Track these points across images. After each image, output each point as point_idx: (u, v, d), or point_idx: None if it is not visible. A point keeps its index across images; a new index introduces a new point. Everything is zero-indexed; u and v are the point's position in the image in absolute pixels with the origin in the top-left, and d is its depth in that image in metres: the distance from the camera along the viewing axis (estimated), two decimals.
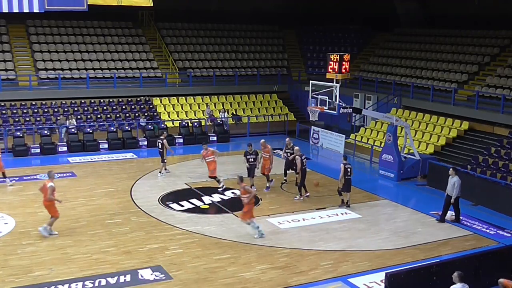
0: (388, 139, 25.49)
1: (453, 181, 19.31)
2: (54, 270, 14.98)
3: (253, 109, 36.44)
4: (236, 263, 15.78)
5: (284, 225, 18.81)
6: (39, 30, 36.22)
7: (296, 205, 21.05)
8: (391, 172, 25.10)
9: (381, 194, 23.19)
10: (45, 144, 28.61)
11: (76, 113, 31.97)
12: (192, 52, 38.69)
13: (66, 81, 33.43)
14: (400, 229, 18.89)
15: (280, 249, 16.80)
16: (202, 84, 36.60)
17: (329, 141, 31.26)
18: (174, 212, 19.98)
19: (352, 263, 16.01)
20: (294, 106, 37.97)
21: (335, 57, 24.29)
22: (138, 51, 37.15)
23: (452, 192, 19.30)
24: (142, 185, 23.31)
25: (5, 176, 22.39)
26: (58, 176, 22.76)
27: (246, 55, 40.12)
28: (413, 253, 16.76)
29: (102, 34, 37.68)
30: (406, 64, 35.43)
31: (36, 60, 34.16)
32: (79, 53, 35.47)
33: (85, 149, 28.98)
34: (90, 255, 16.10)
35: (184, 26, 40.39)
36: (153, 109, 34.07)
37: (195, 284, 14.45)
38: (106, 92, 33.76)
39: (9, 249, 16.40)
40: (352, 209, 20.60)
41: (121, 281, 14.50)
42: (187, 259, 15.98)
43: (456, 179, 19.31)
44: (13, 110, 31.22)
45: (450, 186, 19.37)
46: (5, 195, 21.23)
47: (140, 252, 16.36)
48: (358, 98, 34.85)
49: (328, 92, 24.51)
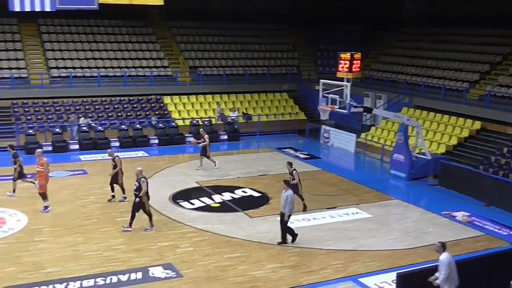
0: (399, 138, 25.40)
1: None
2: (66, 267, 15.05)
3: (263, 108, 36.43)
4: (246, 261, 15.79)
5: (294, 224, 18.70)
6: (51, 28, 36.39)
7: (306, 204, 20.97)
8: (402, 171, 25.01)
9: (392, 194, 23.11)
10: (57, 142, 28.76)
11: (88, 111, 32.09)
12: (202, 51, 38.73)
13: (78, 80, 33.57)
14: (411, 229, 18.82)
15: (291, 248, 16.79)
16: (212, 82, 36.63)
17: (340, 140, 31.20)
18: (184, 210, 20.02)
19: (362, 263, 15.97)
20: (304, 105, 37.93)
21: (346, 56, 24.23)
22: (149, 49, 37.24)
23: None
24: (153, 183, 23.23)
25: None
26: (70, 174, 22.90)
27: (256, 54, 40.12)
28: (424, 253, 16.69)
29: (113, 32, 37.82)
30: (417, 63, 35.30)
31: (47, 59, 34.32)
32: (90, 52, 35.61)
33: (97, 147, 29.08)
34: (101, 252, 16.17)
35: (195, 25, 40.43)
36: (164, 108, 34.13)
37: (206, 282, 14.48)
38: (117, 91, 33.87)
39: (21, 245, 16.50)
40: (363, 209, 20.54)
41: (132, 279, 14.54)
42: (197, 257, 16.00)
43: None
44: (25, 108, 31.39)
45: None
46: (17, 192, 21.30)
47: (151, 250, 16.41)
48: (368, 97, 34.76)
49: (338, 91, 24.47)
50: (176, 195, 21.75)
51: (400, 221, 19.75)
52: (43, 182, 19.36)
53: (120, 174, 20.76)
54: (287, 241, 17.07)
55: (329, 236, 17.87)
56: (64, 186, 20.74)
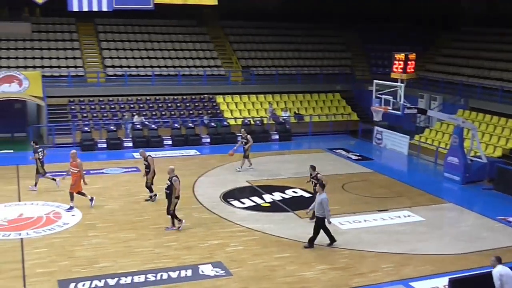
0: (454, 141, 24.91)
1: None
2: (118, 263, 15.34)
3: (315, 108, 36.29)
4: (295, 262, 15.74)
5: (345, 226, 18.65)
6: (107, 28, 37.17)
7: (357, 206, 20.82)
8: (456, 175, 24.51)
9: (446, 197, 22.66)
10: (111, 139, 29.35)
11: (142, 109, 32.62)
12: (255, 50, 38.85)
13: (132, 78, 34.16)
14: (465, 234, 18.42)
15: (341, 250, 16.66)
16: (265, 82, 36.70)
17: (393, 141, 30.82)
18: (235, 209, 20.12)
19: (414, 266, 15.71)
20: (357, 105, 37.60)
21: (400, 56, 23.92)
22: (202, 49, 37.59)
23: None
24: (204, 182, 23.58)
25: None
26: (124, 171, 23.31)
27: (309, 54, 39.97)
28: (477, 259, 16.29)
29: (168, 32, 38.34)
30: (473, 64, 34.51)
31: (104, 58, 35.06)
32: (145, 51, 36.19)
33: (150, 145, 29.54)
34: (152, 249, 16.39)
35: (248, 24, 40.61)
36: (216, 107, 34.39)
37: (255, 281, 14.50)
38: (170, 90, 34.32)
39: (76, 240, 16.90)
40: (415, 212, 20.22)
41: (182, 276, 14.69)
42: (247, 256, 16.06)
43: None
44: (82, 106, 32.15)
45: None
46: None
47: (201, 248, 16.55)
48: (423, 98, 34.16)
49: (392, 92, 24.18)
50: (227, 194, 21.88)
51: (453, 225, 19.37)
52: (76, 183, 19.44)
53: (153, 174, 20.70)
54: (335, 239, 16.88)
55: (380, 239, 17.66)
56: (118, 183, 21.15)
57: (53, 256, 15.67)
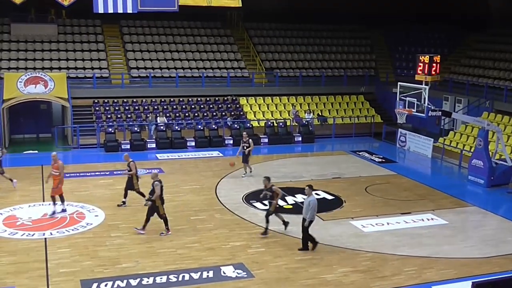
0: (478, 143, 24.64)
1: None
2: (140, 263, 15.45)
3: (339, 110, 36.14)
4: (317, 264, 15.71)
5: (367, 229, 18.56)
6: (132, 30, 37.43)
7: (380, 208, 20.71)
8: (481, 178, 24.24)
9: (470, 200, 22.43)
10: (135, 141, 29.55)
11: (165, 111, 32.80)
12: (279, 52, 38.83)
13: (157, 80, 34.36)
14: (489, 238, 18.21)
15: (363, 253, 16.59)
16: (288, 84, 36.65)
17: (417, 144, 30.57)
18: (257, 211, 20.12)
19: (436, 270, 15.58)
20: (381, 107, 37.36)
21: (425, 58, 23.76)
22: (226, 51, 37.67)
23: None
24: (227, 183, 23.64)
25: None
26: (146, 171, 23.48)
27: (333, 56, 39.84)
28: (502, 263, 16.12)
29: (192, 34, 38.49)
30: (499, 66, 34.10)
31: (128, 59, 35.31)
32: (169, 53, 36.38)
33: (173, 146, 29.71)
34: (174, 250, 16.48)
35: (272, 26, 40.61)
36: (240, 109, 34.44)
37: (276, 283, 14.50)
38: (194, 91, 34.43)
39: (99, 240, 17.06)
40: (438, 215, 20.04)
41: (204, 277, 14.74)
42: (269, 258, 16.06)
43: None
44: (106, 107, 32.43)
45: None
46: (96, 189, 22.08)
47: (223, 249, 16.60)
48: (447, 101, 33.85)
49: (416, 94, 24.01)
50: (249, 196, 21.90)
51: (477, 229, 19.17)
52: (58, 186, 19.06)
53: (135, 180, 20.24)
54: (308, 248, 16.62)
55: (403, 242, 17.54)
56: (141, 184, 21.19)
57: (76, 256, 15.84)
